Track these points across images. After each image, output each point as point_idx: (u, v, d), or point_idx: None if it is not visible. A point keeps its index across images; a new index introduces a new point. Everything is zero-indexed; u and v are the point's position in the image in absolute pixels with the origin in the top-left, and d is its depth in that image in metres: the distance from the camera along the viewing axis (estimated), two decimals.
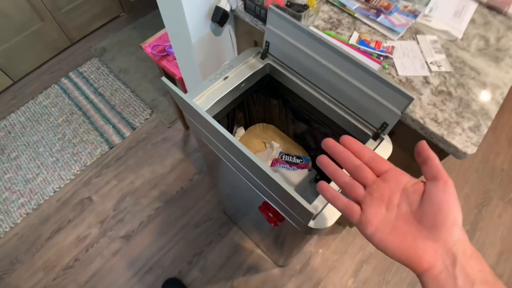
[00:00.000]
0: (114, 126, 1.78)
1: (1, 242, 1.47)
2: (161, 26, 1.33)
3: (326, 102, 0.72)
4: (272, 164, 0.99)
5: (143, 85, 1.92)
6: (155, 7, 0.91)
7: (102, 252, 1.44)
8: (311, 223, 0.56)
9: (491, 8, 0.92)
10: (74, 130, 1.77)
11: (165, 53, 1.24)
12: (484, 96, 0.73)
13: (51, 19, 1.92)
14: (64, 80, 1.96)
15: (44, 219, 1.52)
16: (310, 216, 0.50)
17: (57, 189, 1.59)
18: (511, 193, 1.59)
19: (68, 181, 1.61)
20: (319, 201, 0.57)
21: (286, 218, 0.63)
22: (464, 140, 0.66)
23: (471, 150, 0.65)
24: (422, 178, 0.34)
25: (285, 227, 0.71)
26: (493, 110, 0.71)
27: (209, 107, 0.71)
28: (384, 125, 0.65)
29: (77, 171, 1.64)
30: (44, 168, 1.65)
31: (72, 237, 1.47)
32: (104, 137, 1.74)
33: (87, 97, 1.89)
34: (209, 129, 0.61)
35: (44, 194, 1.58)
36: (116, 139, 1.74)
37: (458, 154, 0.66)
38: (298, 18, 0.75)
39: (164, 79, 0.58)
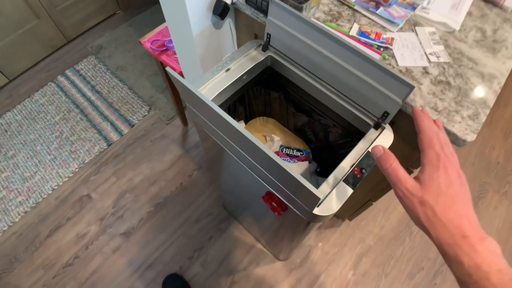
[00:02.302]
0: (112, 124, 1.77)
1: None
2: (158, 23, 1.33)
3: (327, 92, 0.73)
4: None
5: (141, 82, 1.92)
6: (151, 4, 0.91)
7: (102, 249, 1.43)
8: (316, 210, 0.56)
9: (487, 1, 0.93)
10: (72, 128, 1.76)
11: (165, 48, 1.23)
12: (482, 86, 0.75)
13: (47, 16, 1.90)
14: (61, 78, 1.95)
15: (43, 217, 1.51)
16: (316, 201, 0.51)
17: (56, 187, 1.58)
18: (506, 186, 1.62)
19: (67, 179, 1.61)
20: (325, 186, 0.58)
21: (290, 206, 0.63)
22: (464, 128, 0.67)
23: (470, 137, 0.66)
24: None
25: (288, 216, 0.72)
26: (491, 99, 0.72)
27: (212, 98, 0.72)
28: (385, 114, 0.66)
29: (76, 168, 1.63)
30: (42, 166, 1.64)
31: (71, 235, 1.47)
32: (102, 135, 1.73)
33: (84, 95, 1.88)
34: (214, 119, 0.61)
35: (42, 192, 1.57)
36: (114, 136, 1.73)
37: (458, 141, 0.67)
38: (300, 10, 0.75)
39: (169, 69, 0.59)
